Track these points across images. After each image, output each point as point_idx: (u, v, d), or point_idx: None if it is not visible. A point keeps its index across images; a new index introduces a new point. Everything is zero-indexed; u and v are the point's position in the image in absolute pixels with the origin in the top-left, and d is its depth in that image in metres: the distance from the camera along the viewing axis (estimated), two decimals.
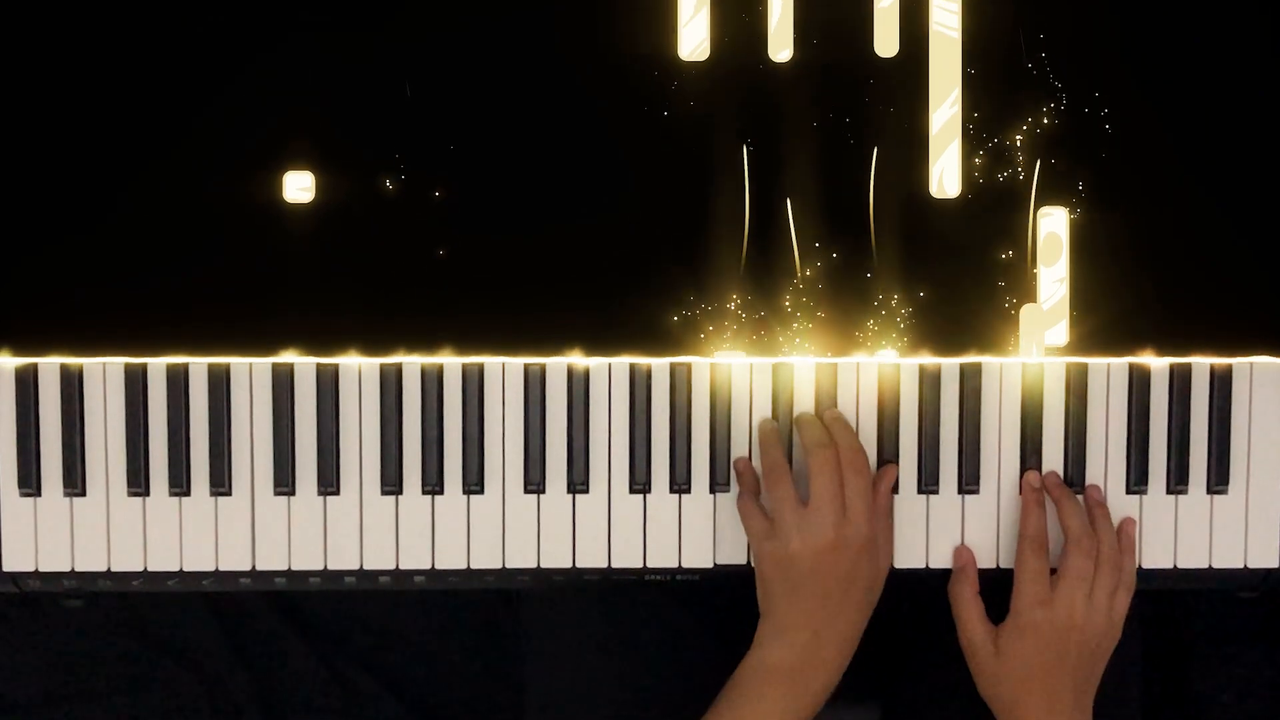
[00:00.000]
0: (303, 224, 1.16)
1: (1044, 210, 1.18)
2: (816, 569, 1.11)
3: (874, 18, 1.17)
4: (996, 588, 1.18)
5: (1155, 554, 1.20)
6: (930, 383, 1.18)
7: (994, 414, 1.19)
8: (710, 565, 1.19)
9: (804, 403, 1.18)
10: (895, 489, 1.18)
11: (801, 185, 1.17)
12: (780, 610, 1.12)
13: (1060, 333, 1.19)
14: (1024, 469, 1.19)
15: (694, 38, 1.17)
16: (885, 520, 1.16)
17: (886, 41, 1.17)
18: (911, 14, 1.17)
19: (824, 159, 1.17)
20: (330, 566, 1.18)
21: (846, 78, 1.17)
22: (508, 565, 1.18)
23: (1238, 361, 1.19)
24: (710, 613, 1.19)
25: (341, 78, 1.16)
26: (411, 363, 1.17)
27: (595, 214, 1.17)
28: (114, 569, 1.17)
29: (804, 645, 1.11)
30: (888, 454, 1.18)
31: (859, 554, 1.11)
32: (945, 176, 1.18)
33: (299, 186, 1.16)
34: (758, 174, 1.17)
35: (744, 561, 1.19)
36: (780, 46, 1.16)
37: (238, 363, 1.17)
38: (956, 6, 1.17)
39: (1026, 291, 1.19)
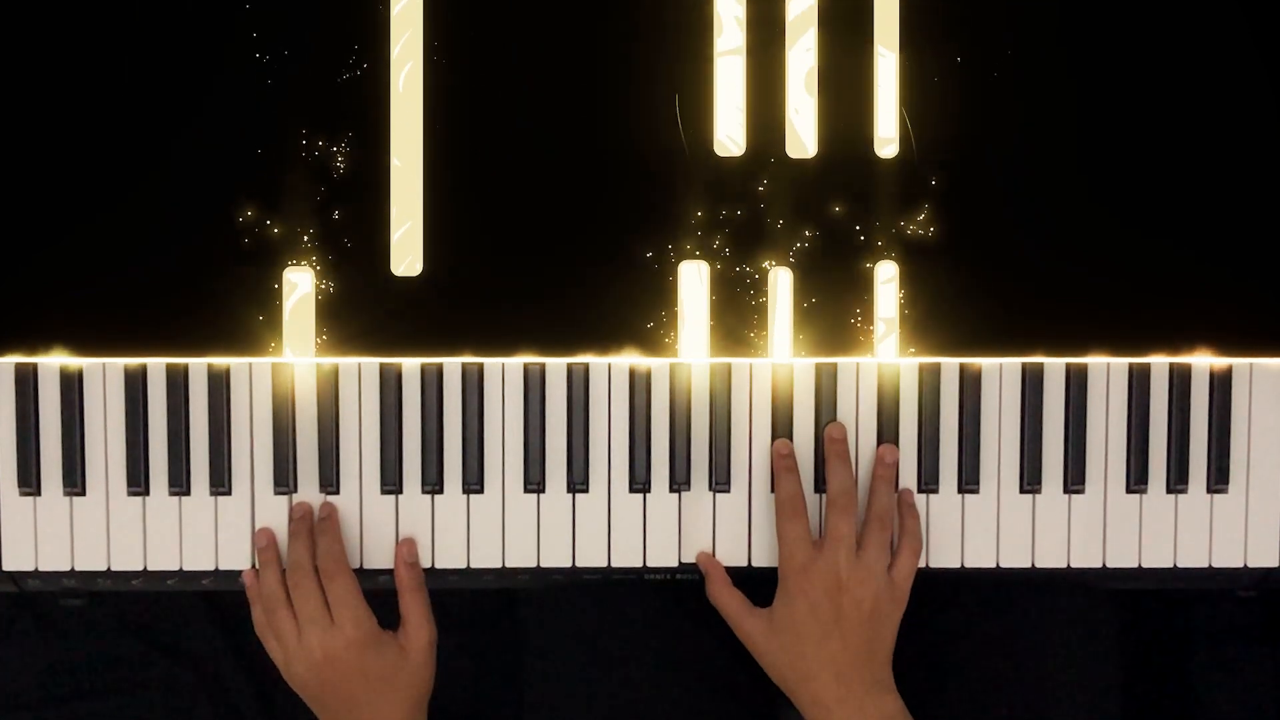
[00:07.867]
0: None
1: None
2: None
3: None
4: (987, 586, 1.18)
5: (1155, 554, 1.20)
6: (929, 382, 1.18)
7: (994, 413, 1.19)
8: None
9: (804, 402, 1.18)
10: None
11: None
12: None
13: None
14: (1024, 469, 1.19)
15: None
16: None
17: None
18: None
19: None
20: None
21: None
22: (507, 565, 1.18)
23: (1238, 361, 1.19)
24: (710, 613, 1.18)
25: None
26: (411, 363, 1.17)
27: (597, 221, 1.18)
28: (114, 568, 1.17)
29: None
30: None
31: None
32: None
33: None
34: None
35: (743, 562, 1.19)
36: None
37: (238, 363, 1.17)
38: None
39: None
